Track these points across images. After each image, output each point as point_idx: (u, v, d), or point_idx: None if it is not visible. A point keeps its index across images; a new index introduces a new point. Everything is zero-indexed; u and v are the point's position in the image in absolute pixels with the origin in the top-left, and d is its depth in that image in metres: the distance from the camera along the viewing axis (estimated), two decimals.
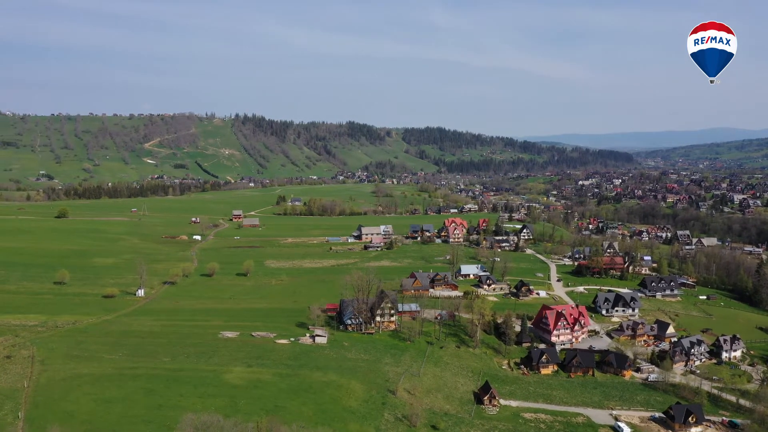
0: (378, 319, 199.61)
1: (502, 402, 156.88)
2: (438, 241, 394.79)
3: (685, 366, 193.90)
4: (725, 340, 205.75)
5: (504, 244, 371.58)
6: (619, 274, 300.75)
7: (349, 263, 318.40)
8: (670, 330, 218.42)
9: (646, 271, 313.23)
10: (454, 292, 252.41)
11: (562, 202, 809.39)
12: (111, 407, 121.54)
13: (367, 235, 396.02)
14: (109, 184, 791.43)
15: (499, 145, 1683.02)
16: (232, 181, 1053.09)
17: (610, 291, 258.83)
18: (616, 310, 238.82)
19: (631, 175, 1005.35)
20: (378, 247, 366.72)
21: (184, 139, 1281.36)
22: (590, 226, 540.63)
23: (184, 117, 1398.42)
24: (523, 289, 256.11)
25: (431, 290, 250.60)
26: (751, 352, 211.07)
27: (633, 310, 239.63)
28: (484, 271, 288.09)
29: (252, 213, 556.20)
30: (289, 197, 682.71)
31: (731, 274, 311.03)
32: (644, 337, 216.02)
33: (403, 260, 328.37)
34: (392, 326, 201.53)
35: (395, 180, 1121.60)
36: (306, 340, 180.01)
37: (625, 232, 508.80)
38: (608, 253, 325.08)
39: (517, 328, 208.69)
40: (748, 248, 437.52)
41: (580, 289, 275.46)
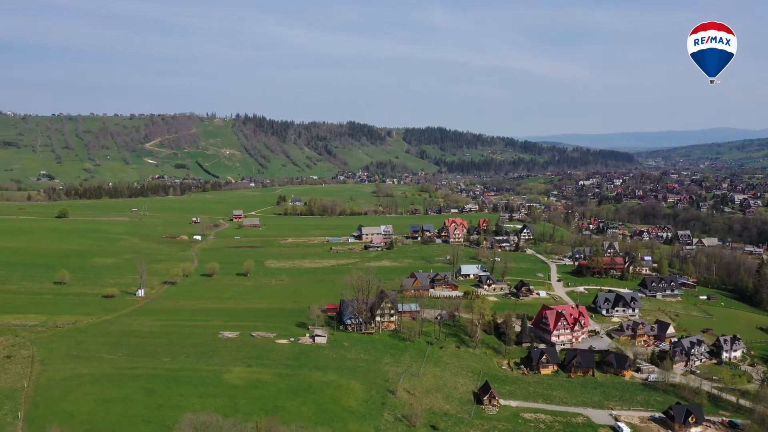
0: (378, 319, 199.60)
1: (502, 402, 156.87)
2: (438, 241, 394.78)
3: (686, 366, 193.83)
4: (725, 341, 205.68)
5: (504, 244, 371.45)
6: (619, 274, 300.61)
7: (350, 263, 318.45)
8: (671, 330, 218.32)
9: (647, 271, 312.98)
10: (454, 292, 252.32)
11: (563, 202, 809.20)
12: (111, 407, 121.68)
13: (367, 235, 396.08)
14: (109, 184, 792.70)
15: (500, 145, 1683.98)
16: (233, 181, 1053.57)
17: (611, 291, 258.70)
18: (617, 310, 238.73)
19: (631, 175, 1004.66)
20: (378, 247, 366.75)
21: (185, 139, 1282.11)
22: (591, 226, 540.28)
23: (184, 117, 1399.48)
24: (523, 289, 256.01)
25: (431, 290, 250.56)
26: (752, 353, 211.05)
27: (633, 310, 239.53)
28: (485, 271, 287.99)
29: (252, 213, 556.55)
30: (290, 197, 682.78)
31: (732, 274, 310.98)
32: (644, 337, 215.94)
33: (403, 260, 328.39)
34: (392, 326, 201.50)
35: (396, 180, 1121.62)
36: (306, 340, 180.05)
37: (626, 232, 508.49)
38: (608, 253, 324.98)
39: (517, 328, 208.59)
40: (749, 248, 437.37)
41: (581, 289, 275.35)
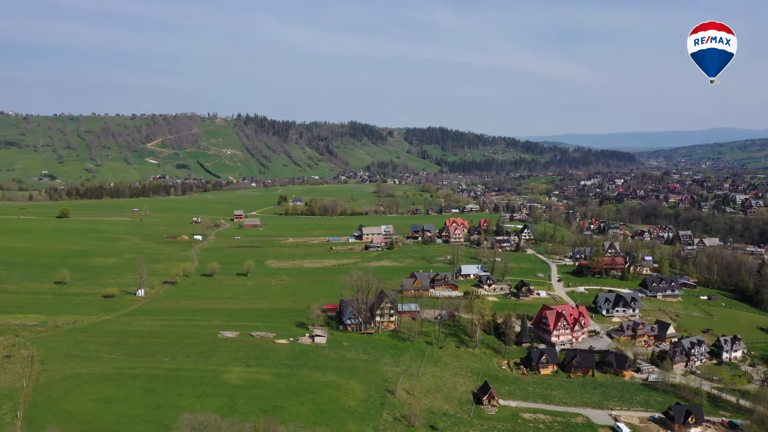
0: (377, 319, 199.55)
1: (502, 402, 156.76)
2: (439, 241, 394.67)
3: (686, 366, 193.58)
4: (726, 341, 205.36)
5: (505, 244, 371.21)
6: (620, 274, 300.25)
7: (350, 263, 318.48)
8: (671, 330, 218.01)
9: (647, 272, 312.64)
10: (455, 292, 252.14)
11: (564, 202, 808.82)
12: (110, 407, 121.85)
13: (367, 235, 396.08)
14: (111, 184, 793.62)
15: (501, 145, 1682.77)
16: (234, 181, 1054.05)
17: (611, 291, 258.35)
18: (617, 311, 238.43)
19: (633, 175, 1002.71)
20: (379, 247, 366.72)
21: (187, 139, 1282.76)
22: (592, 226, 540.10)
23: (186, 117, 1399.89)
24: (524, 289, 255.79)
25: (431, 290, 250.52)
26: (752, 353, 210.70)
27: (633, 310, 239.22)
28: (485, 271, 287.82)
29: (253, 213, 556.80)
30: (291, 197, 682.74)
31: (733, 274, 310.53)
32: (644, 338, 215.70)
33: (403, 260, 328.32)
34: (392, 326, 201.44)
35: (397, 180, 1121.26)
36: (305, 340, 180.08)
37: (627, 233, 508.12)
38: (609, 254, 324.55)
39: (517, 329, 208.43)
40: (750, 248, 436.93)
41: (581, 289, 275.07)
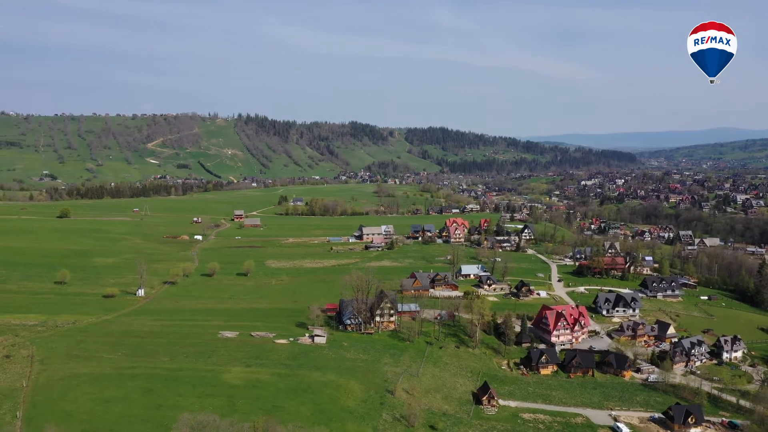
0: (377, 319, 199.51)
1: (501, 402, 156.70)
2: (439, 241, 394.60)
3: (686, 366, 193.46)
4: (726, 341, 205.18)
5: (505, 244, 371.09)
6: (620, 274, 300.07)
7: (350, 263, 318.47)
8: (671, 330, 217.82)
9: (648, 272, 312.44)
10: (455, 292, 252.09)
11: (565, 202, 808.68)
12: (109, 407, 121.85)
13: (368, 235, 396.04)
14: (111, 184, 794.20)
15: (502, 145, 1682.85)
16: (235, 181, 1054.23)
17: (611, 291, 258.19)
18: (617, 311, 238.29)
19: (633, 175, 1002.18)
20: (379, 247, 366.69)
21: (187, 139, 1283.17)
22: (592, 227, 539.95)
23: (186, 117, 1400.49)
24: (524, 290, 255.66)
25: (431, 290, 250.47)
26: (752, 353, 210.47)
27: (634, 310, 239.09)
28: (485, 272, 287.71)
29: (254, 213, 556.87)
30: (291, 197, 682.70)
31: (733, 274, 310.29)
32: (645, 338, 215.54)
33: (403, 260, 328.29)
34: (392, 326, 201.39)
35: (398, 180, 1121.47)
36: (305, 340, 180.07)
37: (628, 233, 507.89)
38: (609, 254, 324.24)
39: (516, 329, 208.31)
40: (751, 248, 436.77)
41: (581, 289, 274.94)
